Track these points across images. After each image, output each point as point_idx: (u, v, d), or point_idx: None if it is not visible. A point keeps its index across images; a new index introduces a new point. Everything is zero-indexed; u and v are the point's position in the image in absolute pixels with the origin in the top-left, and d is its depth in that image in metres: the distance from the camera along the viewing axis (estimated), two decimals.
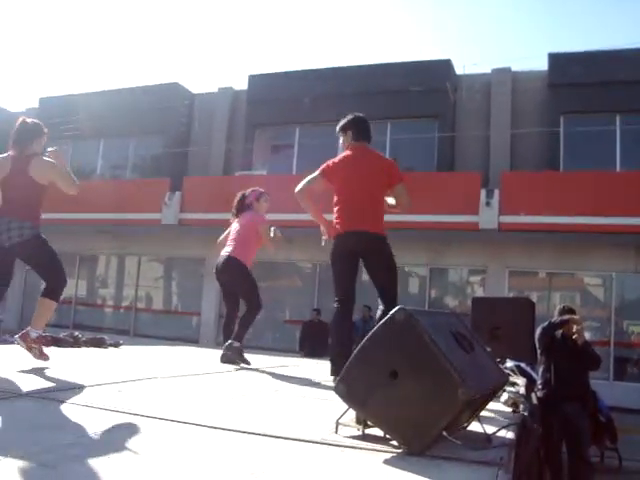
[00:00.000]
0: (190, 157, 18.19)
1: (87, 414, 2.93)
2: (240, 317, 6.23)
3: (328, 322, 4.86)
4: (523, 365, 6.43)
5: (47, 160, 4.54)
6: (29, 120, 4.72)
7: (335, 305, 4.74)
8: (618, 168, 14.18)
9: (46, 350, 4.62)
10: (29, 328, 4.48)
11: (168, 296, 18.91)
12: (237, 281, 6.23)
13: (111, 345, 7.25)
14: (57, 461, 2.15)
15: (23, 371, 4.11)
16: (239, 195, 6.57)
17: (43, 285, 4.62)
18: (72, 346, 6.66)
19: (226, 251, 6.22)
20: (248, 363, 5.78)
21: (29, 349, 4.44)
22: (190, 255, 16.96)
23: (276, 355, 9.09)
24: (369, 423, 2.69)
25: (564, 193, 12.77)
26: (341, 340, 4.65)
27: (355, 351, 2.65)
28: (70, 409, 3.00)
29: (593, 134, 14.48)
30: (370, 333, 2.61)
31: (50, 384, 3.67)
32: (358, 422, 2.77)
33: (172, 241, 16.95)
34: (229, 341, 5.89)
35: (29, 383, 3.68)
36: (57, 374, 4.10)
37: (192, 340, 14.94)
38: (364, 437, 2.70)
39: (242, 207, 6.49)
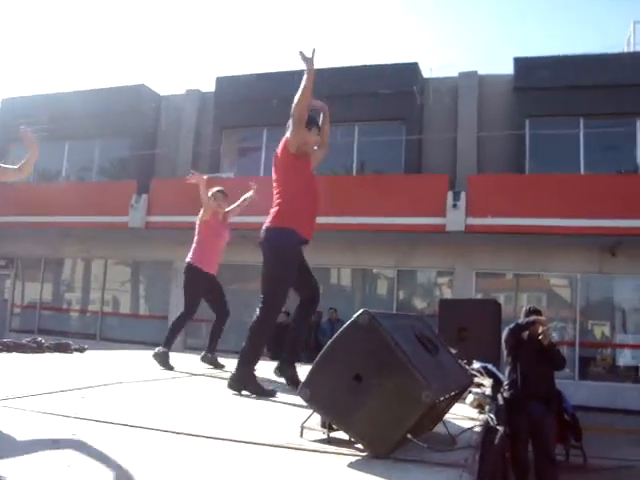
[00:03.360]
0: (157, 159, 18.04)
1: (48, 422, 2.87)
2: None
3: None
4: (490, 366, 6.47)
5: None
6: None
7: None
8: (582, 171, 14.41)
9: (7, 356, 4.53)
10: None
11: (135, 300, 18.75)
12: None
13: (76, 350, 7.14)
14: (7, 473, 2.09)
15: None
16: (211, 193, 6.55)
17: None
18: (35, 352, 6.55)
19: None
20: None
21: None
22: (157, 258, 16.84)
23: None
24: (334, 427, 2.68)
25: (530, 195, 12.92)
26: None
27: (319, 355, 2.64)
28: (30, 417, 2.94)
29: (557, 137, 14.69)
30: (334, 337, 2.61)
31: (9, 391, 3.59)
32: (323, 426, 2.76)
33: (139, 244, 16.81)
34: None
35: None
36: (17, 381, 4.02)
37: (159, 344, 14.78)
38: (329, 441, 2.70)
39: None
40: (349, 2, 59.49)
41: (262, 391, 4.10)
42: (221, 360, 6.34)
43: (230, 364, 6.39)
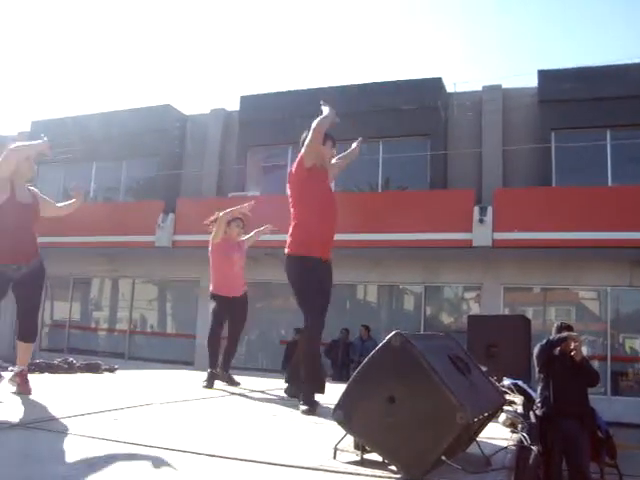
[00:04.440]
0: (183, 179, 18.19)
1: (82, 444, 2.89)
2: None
3: None
4: (520, 383, 6.40)
5: None
6: None
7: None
8: (610, 183, 14.25)
9: (39, 377, 4.61)
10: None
11: (163, 318, 18.85)
12: None
13: (106, 370, 7.20)
14: None
15: (16, 400, 4.07)
16: (214, 216, 6.61)
17: None
18: (67, 372, 6.62)
19: None
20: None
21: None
22: (184, 277, 16.92)
23: (270, 376, 9.05)
24: (367, 448, 2.67)
25: (557, 208, 12.80)
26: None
27: (352, 376, 2.63)
28: (65, 439, 2.97)
29: (584, 149, 14.55)
30: (367, 358, 2.60)
31: (44, 413, 3.63)
32: (356, 447, 2.74)
33: (166, 263, 16.91)
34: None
35: (22, 412, 3.65)
36: (51, 402, 4.06)
37: (187, 363, 14.87)
38: (362, 463, 2.67)
39: None
40: (373, 19, 59.75)
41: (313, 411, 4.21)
42: (243, 378, 6.41)
43: (253, 382, 6.43)
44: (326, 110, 4.47)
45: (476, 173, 15.06)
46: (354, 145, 5.42)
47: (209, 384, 5.92)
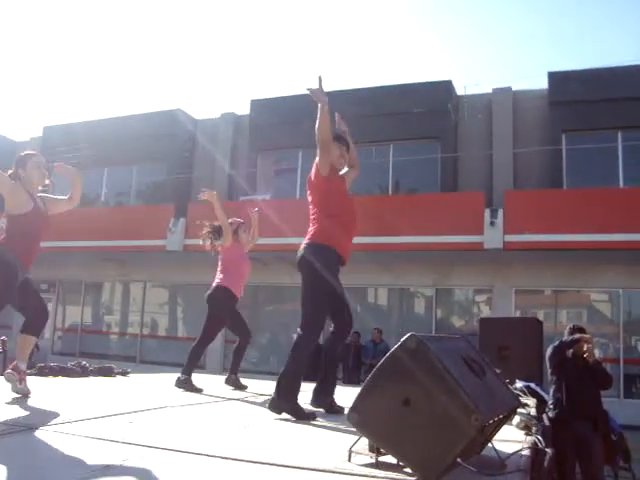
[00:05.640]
0: (194, 183, 18.21)
1: (98, 447, 2.91)
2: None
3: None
4: (533, 385, 6.38)
5: None
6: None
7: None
8: (621, 184, 14.19)
9: (53, 380, 4.61)
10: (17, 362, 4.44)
11: (174, 322, 18.90)
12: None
13: (119, 374, 7.24)
14: None
15: (31, 404, 4.10)
16: (210, 227, 6.64)
17: None
18: (80, 376, 6.65)
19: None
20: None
21: (20, 382, 4.36)
22: (195, 281, 16.93)
23: None
24: (382, 451, 2.67)
25: (568, 210, 12.75)
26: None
27: (367, 379, 2.64)
28: (81, 442, 2.98)
29: (595, 151, 14.51)
30: (381, 361, 2.60)
31: (59, 416, 3.65)
32: (371, 450, 2.75)
33: (177, 267, 16.96)
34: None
35: (39, 416, 3.67)
36: (66, 405, 4.08)
37: (198, 366, 14.82)
38: (377, 465, 2.68)
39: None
40: (382, 23, 59.82)
41: (302, 414, 4.09)
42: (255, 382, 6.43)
43: (261, 385, 6.44)
44: (319, 110, 4.34)
45: (486, 176, 15.03)
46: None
47: (189, 388, 5.80)
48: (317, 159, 4.46)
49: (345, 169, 4.84)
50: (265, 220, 6.76)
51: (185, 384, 5.83)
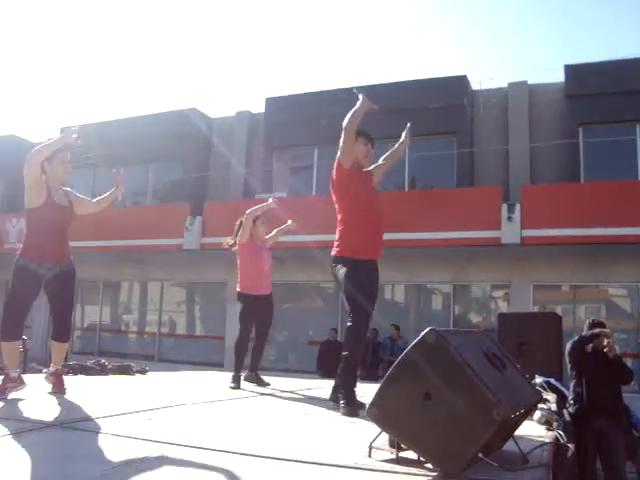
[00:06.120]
0: (210, 181, 18.27)
1: (118, 443, 2.92)
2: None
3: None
4: (552, 381, 6.34)
5: None
6: None
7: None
8: None
9: (73, 379, 4.69)
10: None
11: (191, 321, 18.97)
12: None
13: (138, 372, 7.28)
14: None
15: (52, 401, 4.13)
16: (238, 222, 6.61)
17: None
18: (99, 374, 6.70)
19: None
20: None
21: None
22: (212, 279, 17.01)
23: (299, 377, 9.07)
24: (403, 446, 2.66)
25: (586, 204, 12.63)
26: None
27: (387, 374, 2.62)
28: (101, 439, 3.00)
29: (613, 144, 14.36)
30: (401, 355, 2.59)
31: (80, 413, 3.67)
32: (392, 445, 2.73)
33: (194, 266, 17.01)
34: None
35: (59, 413, 3.70)
36: (86, 403, 4.11)
37: (217, 364, 14.94)
38: (398, 461, 2.67)
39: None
40: (397, 18, 59.66)
41: (353, 413, 4.13)
42: (273, 378, 6.43)
43: (283, 382, 6.43)
44: (360, 101, 4.43)
45: (503, 170, 14.93)
46: (403, 136, 5.25)
47: (236, 385, 5.93)
48: (339, 153, 4.46)
49: (379, 161, 4.88)
50: (282, 218, 6.75)
51: (234, 380, 5.99)
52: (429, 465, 2.55)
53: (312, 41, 62.29)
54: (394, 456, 2.70)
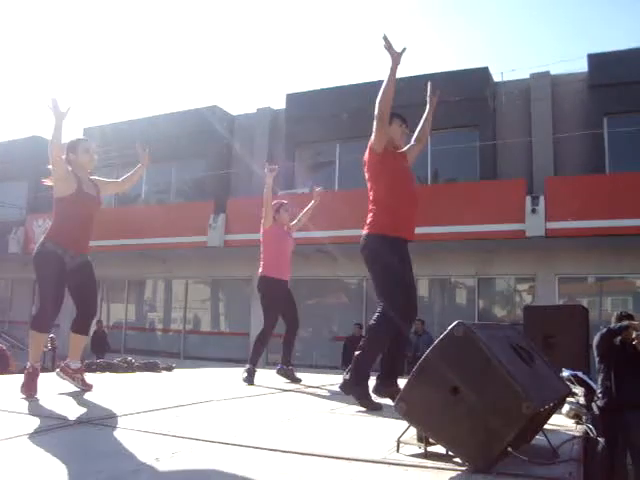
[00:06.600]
0: (232, 178, 18.35)
1: (147, 440, 2.94)
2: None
3: None
4: (580, 374, 6.27)
5: None
6: None
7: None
8: None
9: (100, 376, 4.70)
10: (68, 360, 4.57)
11: (216, 317, 19.07)
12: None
13: (164, 369, 7.33)
14: None
15: (79, 398, 4.17)
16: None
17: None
18: (126, 371, 6.75)
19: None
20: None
21: (72, 379, 4.51)
22: (236, 276, 17.08)
23: (325, 372, 9.07)
24: (431, 441, 2.64)
25: (611, 196, 12.48)
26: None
27: (415, 368, 2.61)
28: (130, 435, 3.02)
29: (638, 134, 14.17)
30: (429, 349, 2.57)
31: (108, 410, 3.70)
32: (420, 440, 2.71)
33: (218, 263, 17.10)
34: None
35: (87, 410, 3.73)
36: (114, 400, 4.14)
37: (242, 361, 14.94)
38: (426, 455, 2.65)
39: None
40: (417, 12, 59.36)
41: (368, 403, 4.10)
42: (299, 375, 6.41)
43: (308, 378, 6.44)
44: (388, 73, 4.26)
45: (526, 162, 14.81)
46: (427, 104, 5.25)
47: (250, 381, 5.87)
48: (372, 138, 4.42)
49: (411, 142, 4.84)
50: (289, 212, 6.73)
51: (247, 374, 5.95)
52: (458, 459, 2.53)
53: (332, 36, 62.22)
54: (422, 451, 2.68)
